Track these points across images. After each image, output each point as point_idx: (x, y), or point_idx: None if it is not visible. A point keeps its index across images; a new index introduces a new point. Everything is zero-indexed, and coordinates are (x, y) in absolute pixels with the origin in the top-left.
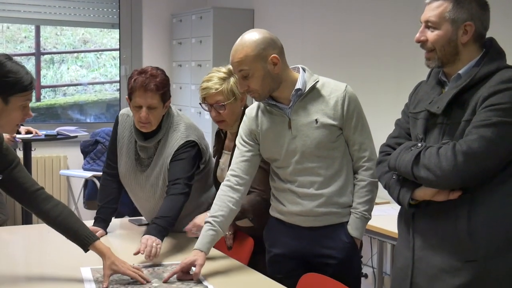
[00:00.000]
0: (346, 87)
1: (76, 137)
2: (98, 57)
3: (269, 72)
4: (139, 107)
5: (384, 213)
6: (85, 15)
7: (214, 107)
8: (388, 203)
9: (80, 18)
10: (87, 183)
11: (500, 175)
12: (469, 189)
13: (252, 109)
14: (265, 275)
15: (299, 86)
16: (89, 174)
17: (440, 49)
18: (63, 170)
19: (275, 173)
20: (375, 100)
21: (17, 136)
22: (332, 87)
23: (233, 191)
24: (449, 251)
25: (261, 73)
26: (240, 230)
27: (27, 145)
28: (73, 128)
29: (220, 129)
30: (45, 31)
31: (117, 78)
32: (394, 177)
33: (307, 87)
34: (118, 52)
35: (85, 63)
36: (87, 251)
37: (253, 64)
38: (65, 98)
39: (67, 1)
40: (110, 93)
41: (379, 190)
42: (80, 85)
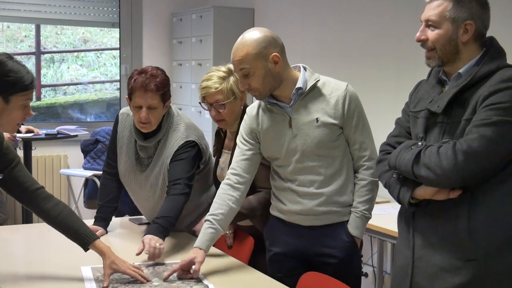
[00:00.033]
0: (347, 86)
1: (76, 136)
2: (98, 56)
3: (270, 70)
4: (139, 107)
5: (384, 212)
6: (85, 14)
7: (213, 106)
8: (388, 202)
9: (80, 17)
10: (87, 182)
11: (500, 174)
12: (469, 188)
13: (253, 107)
14: (265, 274)
15: (300, 85)
16: (89, 173)
17: (440, 48)
18: (63, 169)
19: (276, 172)
20: (375, 99)
21: (17, 135)
22: (333, 86)
23: (233, 190)
24: (449, 250)
25: (262, 72)
26: (240, 229)
27: (27, 144)
28: (73, 127)
29: (220, 129)
30: (45, 30)
31: (117, 77)
32: (394, 176)
33: (308, 86)
34: (118, 51)
35: (85, 62)
36: (87, 250)
37: (254, 62)
38: (65, 97)
39: (67, 0)
40: (110, 92)
41: (380, 189)
42: (80, 84)
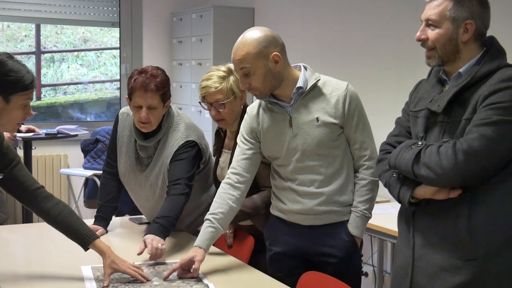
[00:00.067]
0: (347, 85)
1: (76, 135)
2: (98, 56)
3: (270, 70)
4: (139, 107)
5: (384, 212)
6: (85, 14)
7: (213, 105)
8: (388, 201)
9: (80, 16)
10: (88, 181)
11: (500, 174)
12: (470, 187)
13: (253, 107)
14: (265, 274)
15: (300, 84)
16: (89, 172)
17: (440, 47)
18: (63, 168)
19: (276, 171)
20: (375, 98)
21: (18, 134)
22: (333, 86)
23: (234, 189)
24: (449, 250)
25: (262, 71)
26: (240, 228)
27: (27, 144)
28: (73, 126)
29: (219, 128)
30: (45, 29)
31: (118, 76)
32: (394, 175)
33: (309, 85)
34: (118, 50)
35: (86, 62)
36: (87, 249)
37: (254, 62)
38: (65, 96)
39: None
40: (110, 91)
41: (380, 188)
42: (80, 83)
